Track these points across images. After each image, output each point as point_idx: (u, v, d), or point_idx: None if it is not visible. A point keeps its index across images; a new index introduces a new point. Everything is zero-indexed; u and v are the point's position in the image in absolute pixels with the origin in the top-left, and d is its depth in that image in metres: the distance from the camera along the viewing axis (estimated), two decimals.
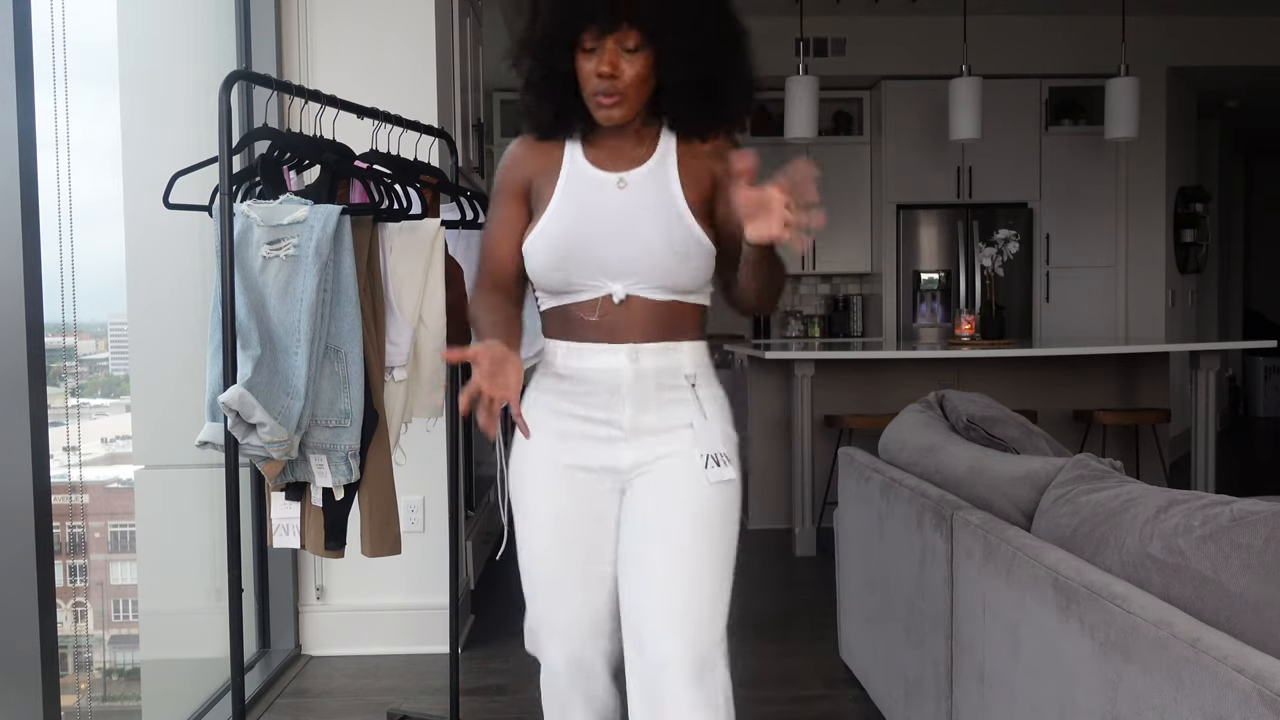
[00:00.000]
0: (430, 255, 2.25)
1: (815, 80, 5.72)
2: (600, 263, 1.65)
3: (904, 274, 6.95)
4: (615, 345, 1.67)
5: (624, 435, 1.70)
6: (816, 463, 4.87)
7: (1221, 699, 1.25)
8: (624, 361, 1.67)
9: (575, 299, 1.69)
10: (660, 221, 1.64)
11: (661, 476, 1.70)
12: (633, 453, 1.70)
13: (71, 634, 2.35)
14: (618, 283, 1.66)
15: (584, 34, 1.58)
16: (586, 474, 1.73)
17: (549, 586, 1.79)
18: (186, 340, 2.84)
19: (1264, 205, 10.65)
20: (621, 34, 1.57)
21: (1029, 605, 1.74)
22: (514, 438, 1.76)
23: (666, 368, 1.69)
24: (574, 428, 1.72)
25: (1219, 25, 6.93)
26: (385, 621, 3.42)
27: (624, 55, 1.59)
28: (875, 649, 2.70)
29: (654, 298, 1.67)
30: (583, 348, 1.69)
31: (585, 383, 1.70)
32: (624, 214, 1.66)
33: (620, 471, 1.72)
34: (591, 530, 1.74)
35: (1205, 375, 4.85)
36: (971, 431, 2.51)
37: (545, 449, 1.74)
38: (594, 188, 1.68)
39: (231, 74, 1.91)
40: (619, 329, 1.67)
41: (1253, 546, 1.39)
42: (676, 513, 1.67)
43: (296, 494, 2.13)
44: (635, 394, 1.68)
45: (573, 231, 1.66)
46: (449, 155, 2.87)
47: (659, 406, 1.70)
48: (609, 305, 1.67)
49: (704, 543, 1.67)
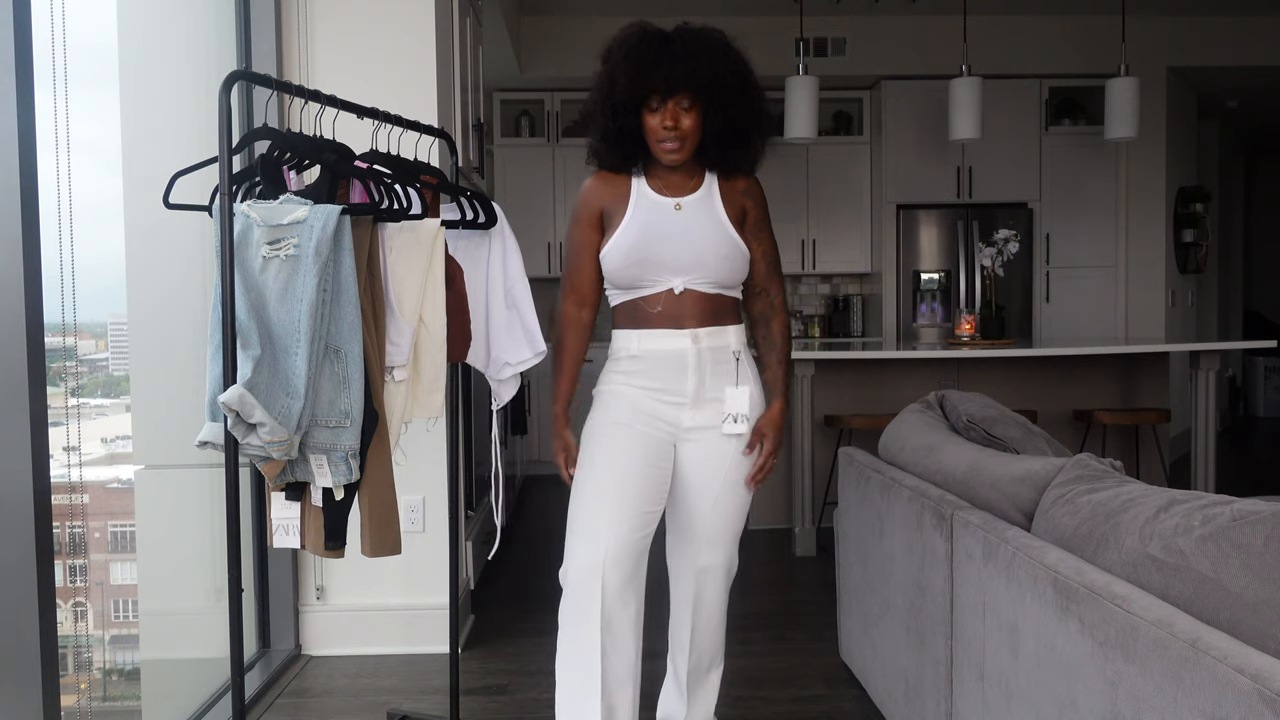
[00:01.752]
0: (430, 255, 2.25)
1: (815, 80, 5.71)
2: (663, 263, 2.19)
3: (904, 274, 6.95)
4: (680, 331, 2.21)
5: (688, 401, 2.23)
6: (816, 463, 4.87)
7: (1221, 699, 1.25)
8: (688, 343, 2.22)
9: (642, 293, 2.22)
10: (709, 232, 2.20)
11: (698, 445, 2.26)
12: (691, 415, 2.24)
13: (71, 634, 2.34)
14: (678, 278, 2.20)
15: (652, 97, 2.13)
16: (653, 431, 2.23)
17: (607, 515, 2.17)
18: (186, 340, 2.85)
19: (1264, 205, 10.65)
20: (679, 96, 2.13)
21: (1029, 605, 1.74)
22: (589, 414, 2.28)
23: (718, 346, 2.25)
24: (646, 398, 2.23)
25: (1219, 25, 6.93)
26: (385, 621, 3.42)
27: (681, 112, 2.14)
28: (875, 649, 2.70)
29: (705, 291, 2.22)
30: (653, 334, 2.22)
31: (656, 361, 2.22)
32: (681, 227, 2.20)
33: (681, 429, 2.25)
34: (650, 477, 2.22)
35: (1205, 375, 4.85)
36: (971, 431, 2.51)
37: (620, 414, 2.22)
38: (658, 209, 2.21)
39: (231, 74, 1.91)
40: (680, 318, 2.21)
41: (1253, 546, 1.39)
42: (709, 473, 2.27)
43: (296, 494, 2.12)
44: (696, 368, 2.22)
45: (642, 240, 2.19)
46: (449, 155, 2.87)
47: (711, 377, 2.24)
48: (670, 297, 2.21)
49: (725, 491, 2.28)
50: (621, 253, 2.20)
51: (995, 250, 5.27)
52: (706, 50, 2.13)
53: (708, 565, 2.33)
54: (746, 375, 2.29)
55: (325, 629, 3.42)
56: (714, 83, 2.12)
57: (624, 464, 2.19)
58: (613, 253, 2.21)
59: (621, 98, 2.14)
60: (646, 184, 2.24)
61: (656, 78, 2.10)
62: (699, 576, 2.34)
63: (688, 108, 2.13)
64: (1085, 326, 7.05)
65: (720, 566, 2.35)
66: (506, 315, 2.53)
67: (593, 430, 2.26)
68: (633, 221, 2.20)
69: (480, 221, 2.49)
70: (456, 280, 2.46)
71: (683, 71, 2.10)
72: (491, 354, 2.55)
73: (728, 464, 2.27)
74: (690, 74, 2.10)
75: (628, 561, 2.14)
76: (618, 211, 2.23)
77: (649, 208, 2.21)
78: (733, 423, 2.25)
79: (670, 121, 2.13)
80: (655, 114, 2.14)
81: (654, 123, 2.15)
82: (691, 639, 2.39)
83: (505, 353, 2.53)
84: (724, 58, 2.15)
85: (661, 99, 2.12)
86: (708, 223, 2.20)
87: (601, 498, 2.17)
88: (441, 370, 2.34)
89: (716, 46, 2.15)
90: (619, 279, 2.23)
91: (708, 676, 2.45)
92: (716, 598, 2.38)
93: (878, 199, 7.08)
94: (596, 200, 2.27)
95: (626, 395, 2.24)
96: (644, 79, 2.11)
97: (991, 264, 5.32)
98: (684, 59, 2.11)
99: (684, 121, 2.14)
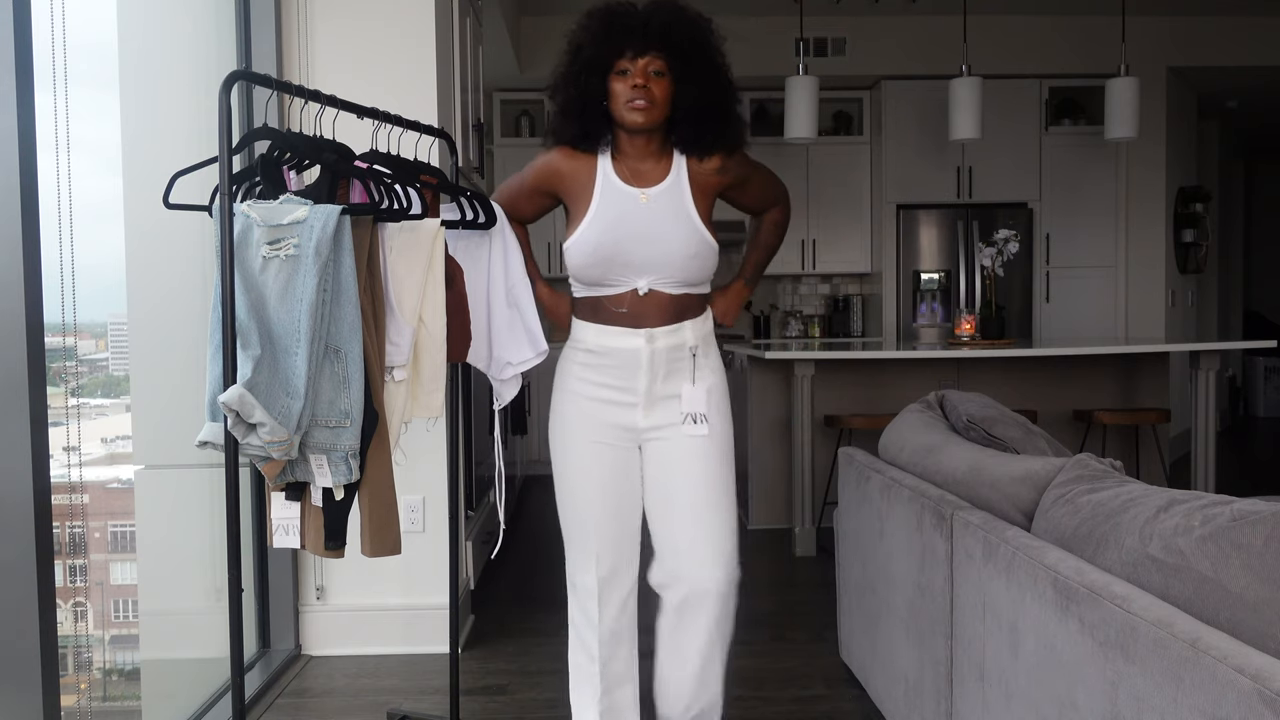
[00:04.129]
0: (430, 255, 2.25)
1: (815, 80, 5.71)
2: (629, 263, 2.09)
3: (904, 274, 6.95)
4: (637, 330, 2.13)
5: (640, 401, 2.16)
6: (816, 463, 4.87)
7: (1221, 699, 1.25)
8: (642, 343, 2.13)
9: (606, 292, 2.14)
10: (678, 230, 2.09)
11: (663, 443, 2.18)
12: (645, 416, 2.17)
13: (71, 634, 2.34)
14: (643, 279, 2.10)
15: (620, 59, 2.03)
16: (612, 433, 2.18)
17: (593, 525, 2.19)
18: (186, 340, 2.84)
19: (1264, 205, 10.65)
20: (649, 59, 2.03)
21: (1029, 605, 1.74)
22: (551, 411, 2.25)
23: (674, 344, 2.15)
24: (601, 394, 2.17)
25: (1219, 25, 6.93)
26: (385, 621, 3.42)
27: (652, 77, 2.03)
28: (875, 649, 2.70)
29: (670, 291, 2.13)
30: (610, 330, 2.15)
31: (611, 358, 2.15)
32: (649, 223, 2.08)
33: (638, 431, 2.18)
34: (619, 480, 2.19)
35: (1205, 375, 4.85)
36: (971, 431, 2.51)
37: (577, 415, 2.19)
38: (623, 199, 2.09)
39: (231, 74, 1.90)
40: (640, 317, 2.13)
41: (1253, 546, 1.39)
42: (678, 475, 2.17)
43: (296, 494, 2.12)
44: (649, 367, 2.14)
45: (608, 238, 2.08)
46: (449, 155, 2.87)
47: (665, 377, 2.16)
48: (634, 298, 2.12)
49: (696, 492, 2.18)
50: (587, 250, 2.10)
51: (995, 250, 5.27)
52: (681, 17, 2.06)
53: (695, 591, 2.14)
54: (706, 371, 2.19)
55: (325, 629, 3.42)
56: (688, 47, 2.04)
57: (596, 476, 2.19)
58: (576, 249, 2.11)
59: (589, 59, 2.05)
60: (612, 169, 2.12)
61: (631, 31, 2.02)
62: (684, 605, 2.16)
63: (659, 73, 2.04)
64: (1085, 326, 7.05)
65: (712, 593, 2.14)
66: (508, 315, 2.53)
67: (559, 438, 2.24)
68: (598, 215, 2.09)
69: (480, 221, 2.48)
70: (456, 280, 2.46)
71: (656, 27, 2.02)
72: (493, 354, 2.55)
73: (697, 466, 2.16)
74: (664, 31, 2.02)
75: (624, 575, 2.24)
76: (580, 197, 2.13)
77: (615, 199, 2.10)
78: (693, 423, 2.15)
79: (640, 80, 2.02)
80: (624, 78, 2.04)
81: (622, 86, 2.04)
82: (676, 687, 2.21)
83: (507, 352, 2.53)
84: (698, 28, 2.07)
85: (633, 58, 2.02)
86: (675, 218, 2.09)
87: (585, 512, 2.21)
88: (441, 370, 2.33)
89: (691, 16, 2.08)
90: (583, 276, 2.15)
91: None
92: (706, 635, 2.15)
93: (878, 199, 7.08)
94: (555, 175, 2.17)
95: (583, 406, 2.19)
96: (615, 34, 2.03)
97: (991, 264, 5.32)
98: (657, 17, 2.04)
99: (654, 85, 2.03)
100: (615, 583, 2.22)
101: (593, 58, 2.04)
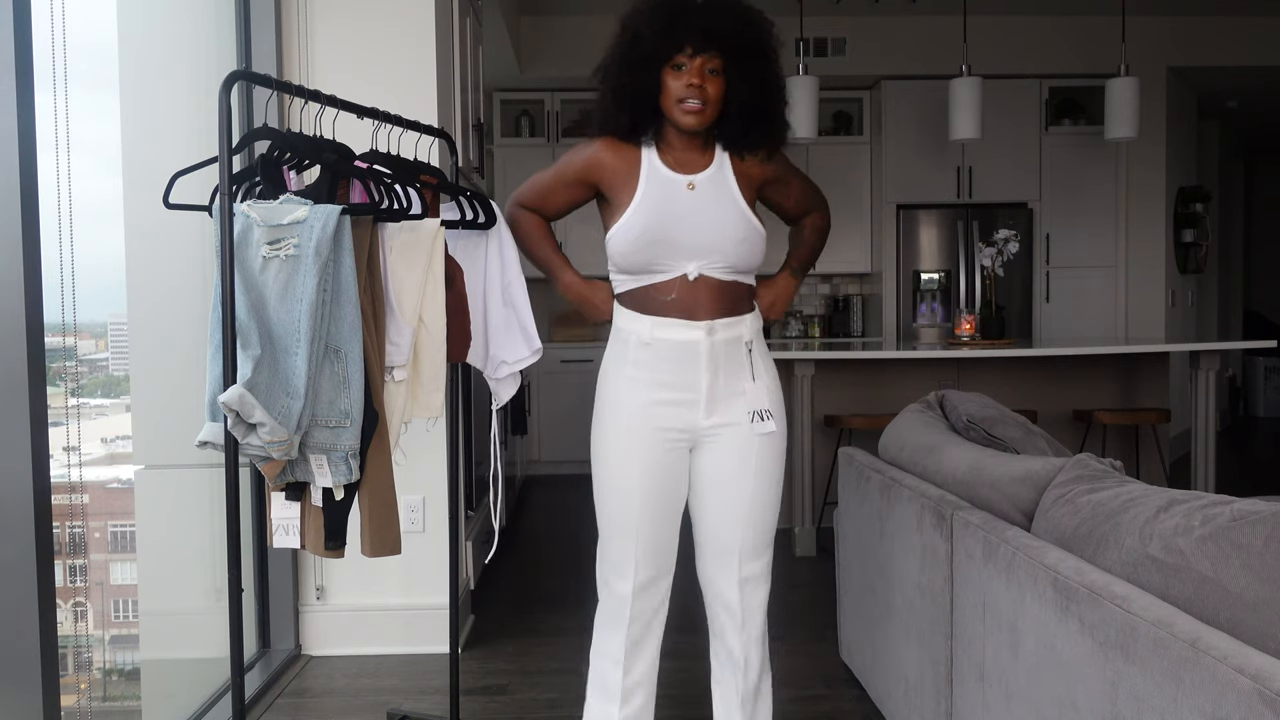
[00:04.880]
0: (430, 255, 2.25)
1: (815, 80, 5.71)
2: (678, 246, 2.05)
3: (904, 274, 6.95)
4: (694, 323, 2.07)
5: (703, 399, 2.10)
6: (816, 463, 4.87)
7: (1221, 699, 1.25)
8: (702, 335, 2.07)
9: (654, 279, 2.08)
10: (725, 213, 2.06)
11: (725, 441, 2.13)
12: (708, 415, 2.11)
13: (71, 634, 2.34)
14: (692, 263, 2.06)
15: (679, 54, 1.99)
16: (669, 436, 2.11)
17: (637, 534, 2.15)
18: (186, 340, 2.84)
19: (1264, 205, 10.65)
20: (707, 57, 1.99)
21: (1029, 605, 1.74)
22: (596, 413, 2.16)
23: (733, 337, 2.11)
24: (657, 395, 2.10)
25: (1219, 25, 6.93)
26: (385, 621, 3.42)
27: (708, 75, 2.00)
28: (875, 649, 2.70)
29: (720, 278, 2.08)
30: (665, 321, 2.08)
31: (667, 352, 2.08)
32: (695, 208, 2.05)
33: (697, 431, 2.12)
34: (670, 486, 2.15)
35: (1205, 375, 4.85)
36: (971, 431, 2.51)
37: (630, 419, 2.11)
38: (670, 186, 2.06)
39: (231, 74, 1.90)
40: (693, 308, 2.07)
41: (1253, 546, 1.39)
42: (746, 474, 2.15)
43: (296, 494, 2.12)
44: (710, 363, 2.08)
45: (654, 222, 2.04)
46: (449, 155, 2.87)
47: (726, 374, 2.11)
48: (684, 284, 2.07)
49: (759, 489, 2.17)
50: (633, 235, 2.05)
51: (995, 250, 5.27)
52: (747, 19, 2.03)
53: (750, 575, 2.25)
54: (761, 368, 2.16)
55: (325, 629, 3.42)
56: (750, 47, 2.02)
57: (647, 485, 2.12)
58: (621, 234, 2.07)
59: (647, 50, 2.00)
60: (658, 158, 2.09)
61: (694, 27, 1.97)
62: (743, 588, 2.24)
63: (714, 71, 2.01)
64: (1085, 326, 7.05)
65: (761, 575, 2.27)
66: (504, 314, 2.53)
67: (608, 442, 2.15)
68: (644, 201, 2.06)
69: (480, 221, 2.48)
70: (456, 280, 2.46)
71: (720, 26, 1.98)
72: (489, 352, 2.55)
73: (758, 462, 2.16)
74: (728, 32, 1.99)
75: (661, 583, 2.20)
76: (625, 187, 2.09)
77: (661, 185, 2.07)
78: (761, 420, 2.13)
79: (697, 80, 1.99)
80: (679, 74, 2.00)
81: (676, 84, 2.01)
82: (745, 657, 2.29)
83: (503, 351, 2.53)
84: (760, 27, 2.04)
85: (691, 55, 1.99)
86: (722, 202, 2.07)
87: (630, 520, 2.14)
88: (441, 370, 2.33)
89: (755, 18, 2.05)
90: (628, 264, 2.09)
91: (761, 688, 2.35)
92: (762, 607, 2.29)
93: (878, 199, 7.08)
94: (599, 165, 2.13)
95: (637, 409, 2.11)
96: (676, 30, 1.98)
97: (991, 264, 5.32)
98: (722, 14, 2.00)
99: (709, 84, 2.00)
100: (652, 589, 2.19)
101: (651, 51, 2.00)
